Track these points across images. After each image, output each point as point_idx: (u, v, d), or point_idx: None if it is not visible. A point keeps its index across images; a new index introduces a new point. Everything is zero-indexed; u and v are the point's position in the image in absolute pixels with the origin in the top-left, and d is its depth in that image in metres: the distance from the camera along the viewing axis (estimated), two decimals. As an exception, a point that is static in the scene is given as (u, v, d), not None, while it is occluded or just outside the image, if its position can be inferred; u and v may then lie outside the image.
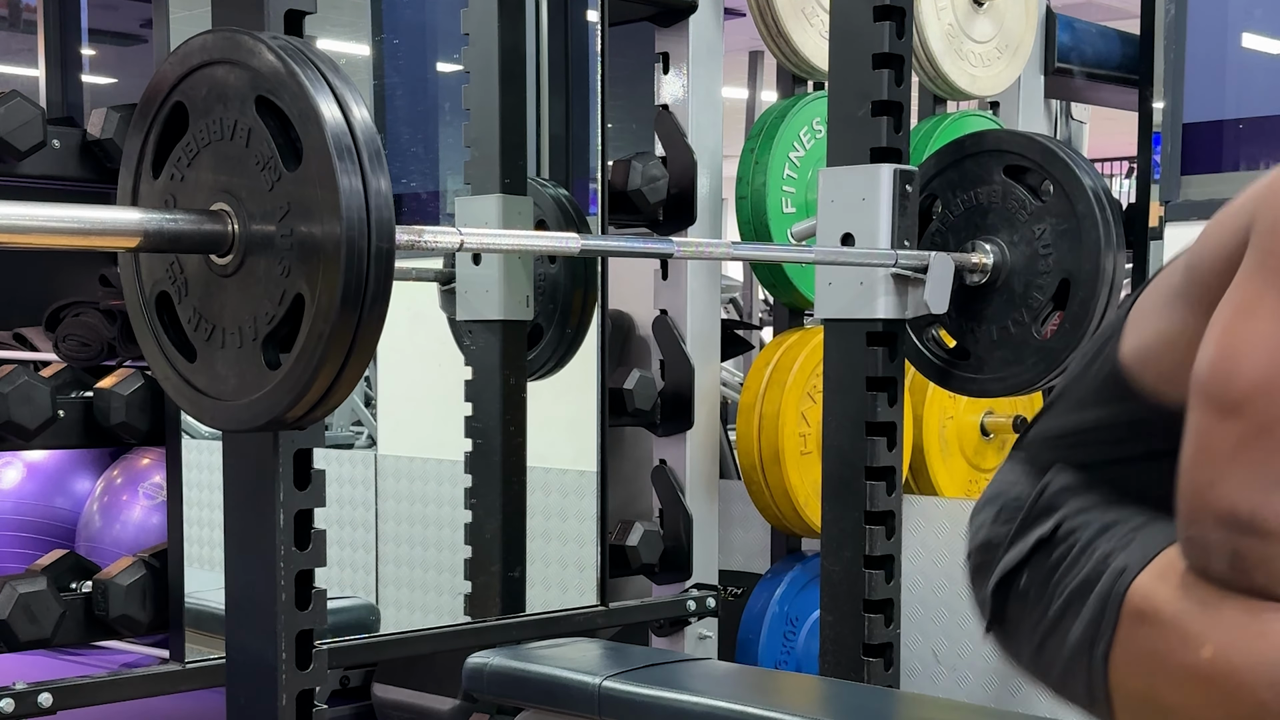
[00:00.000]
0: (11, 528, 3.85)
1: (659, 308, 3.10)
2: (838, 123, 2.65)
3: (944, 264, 2.58)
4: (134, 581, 2.28)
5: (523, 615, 2.99)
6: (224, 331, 1.61)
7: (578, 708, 2.19)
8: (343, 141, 1.48)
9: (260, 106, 1.54)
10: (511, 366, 3.11)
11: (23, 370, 2.21)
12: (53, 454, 3.85)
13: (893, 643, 2.64)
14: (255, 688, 1.90)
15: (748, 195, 3.24)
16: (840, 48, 2.64)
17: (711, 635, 3.18)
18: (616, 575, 3.00)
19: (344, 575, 3.68)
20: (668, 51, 3.11)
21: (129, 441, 2.35)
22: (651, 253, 2.63)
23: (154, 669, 2.39)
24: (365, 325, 1.50)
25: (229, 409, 1.62)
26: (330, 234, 1.47)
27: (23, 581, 2.22)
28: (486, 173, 3.07)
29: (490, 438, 3.10)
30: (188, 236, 1.56)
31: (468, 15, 3.10)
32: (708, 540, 3.16)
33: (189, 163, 1.63)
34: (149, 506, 3.57)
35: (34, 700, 2.17)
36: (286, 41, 1.54)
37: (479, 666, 2.32)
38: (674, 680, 2.18)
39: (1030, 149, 2.72)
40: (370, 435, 4.21)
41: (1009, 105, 3.78)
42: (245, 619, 1.91)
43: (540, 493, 3.25)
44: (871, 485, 2.60)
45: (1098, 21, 4.12)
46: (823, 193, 2.65)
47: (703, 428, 3.12)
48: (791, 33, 3.21)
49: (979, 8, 3.52)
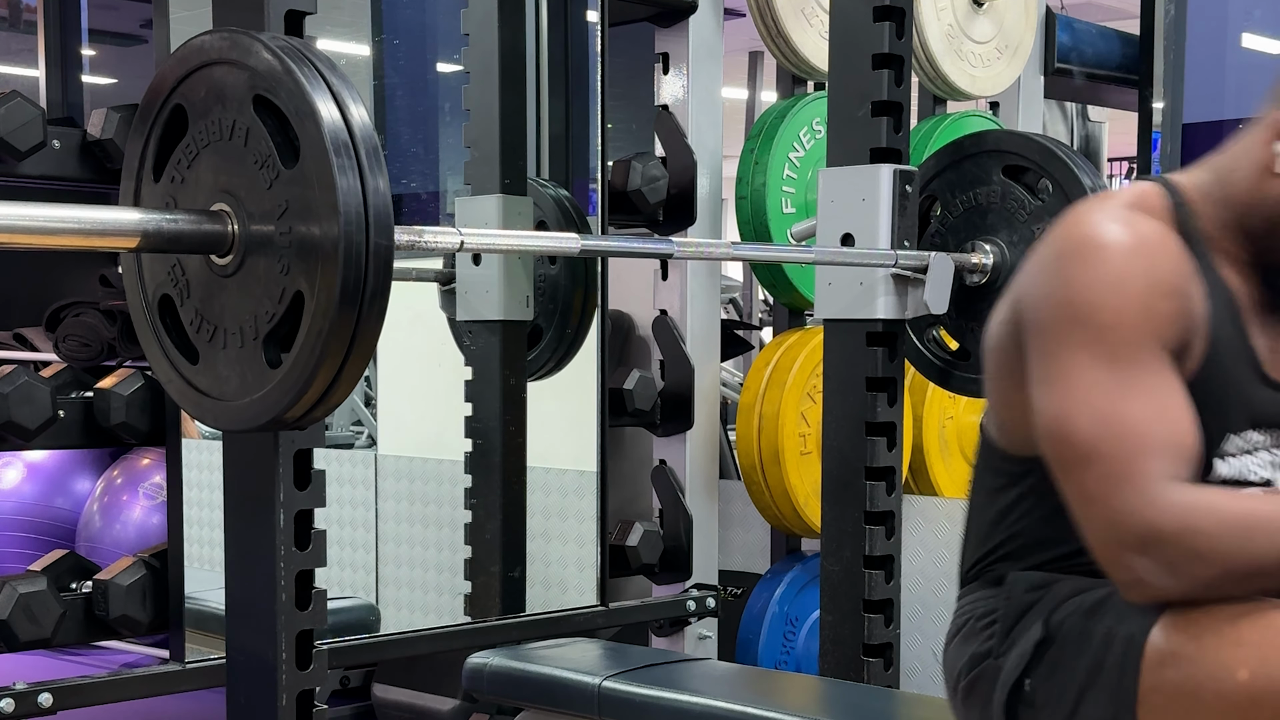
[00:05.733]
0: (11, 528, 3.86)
1: (659, 308, 3.10)
2: (838, 123, 2.65)
3: (944, 264, 2.58)
4: (134, 581, 2.28)
5: (523, 615, 2.99)
6: (225, 332, 1.61)
7: (578, 708, 2.19)
8: (340, 139, 1.48)
9: (258, 105, 1.54)
10: (511, 366, 3.11)
11: (23, 370, 2.21)
12: (53, 454, 3.85)
13: (893, 643, 2.64)
14: (255, 688, 1.90)
15: (748, 195, 3.24)
16: (840, 48, 2.64)
17: (711, 635, 3.18)
18: (616, 575, 3.00)
19: (344, 575, 3.68)
20: (668, 51, 3.11)
21: (129, 441, 2.35)
22: (651, 253, 2.63)
23: (154, 669, 2.39)
24: (364, 323, 1.50)
25: (230, 409, 1.62)
26: (328, 232, 1.47)
27: (23, 581, 2.22)
28: (486, 173, 3.07)
29: (490, 438, 3.10)
30: (187, 236, 1.56)
31: (468, 15, 3.10)
32: (708, 540, 3.16)
33: (189, 164, 1.63)
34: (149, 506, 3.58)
35: (34, 700, 2.17)
36: (284, 41, 1.54)
37: (479, 666, 2.32)
38: (674, 680, 2.18)
39: (1029, 149, 2.72)
40: (370, 435, 4.22)
41: (1009, 105, 3.78)
42: (245, 619, 1.91)
43: (540, 493, 3.25)
44: (871, 485, 2.60)
45: (1098, 21, 4.13)
46: (823, 193, 2.65)
47: (703, 428, 3.12)
48: (791, 33, 3.21)
49: (979, 8, 3.52)
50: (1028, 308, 1.58)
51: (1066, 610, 1.61)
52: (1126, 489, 1.46)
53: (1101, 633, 1.56)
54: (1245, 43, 3.09)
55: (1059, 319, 1.53)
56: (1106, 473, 1.47)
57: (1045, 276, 1.57)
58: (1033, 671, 1.61)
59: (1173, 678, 1.50)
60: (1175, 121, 3.02)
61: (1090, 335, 1.51)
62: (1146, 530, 1.45)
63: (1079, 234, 1.56)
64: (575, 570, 3.23)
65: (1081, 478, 1.49)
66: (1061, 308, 1.53)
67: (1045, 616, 1.61)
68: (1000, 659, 1.64)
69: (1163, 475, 1.47)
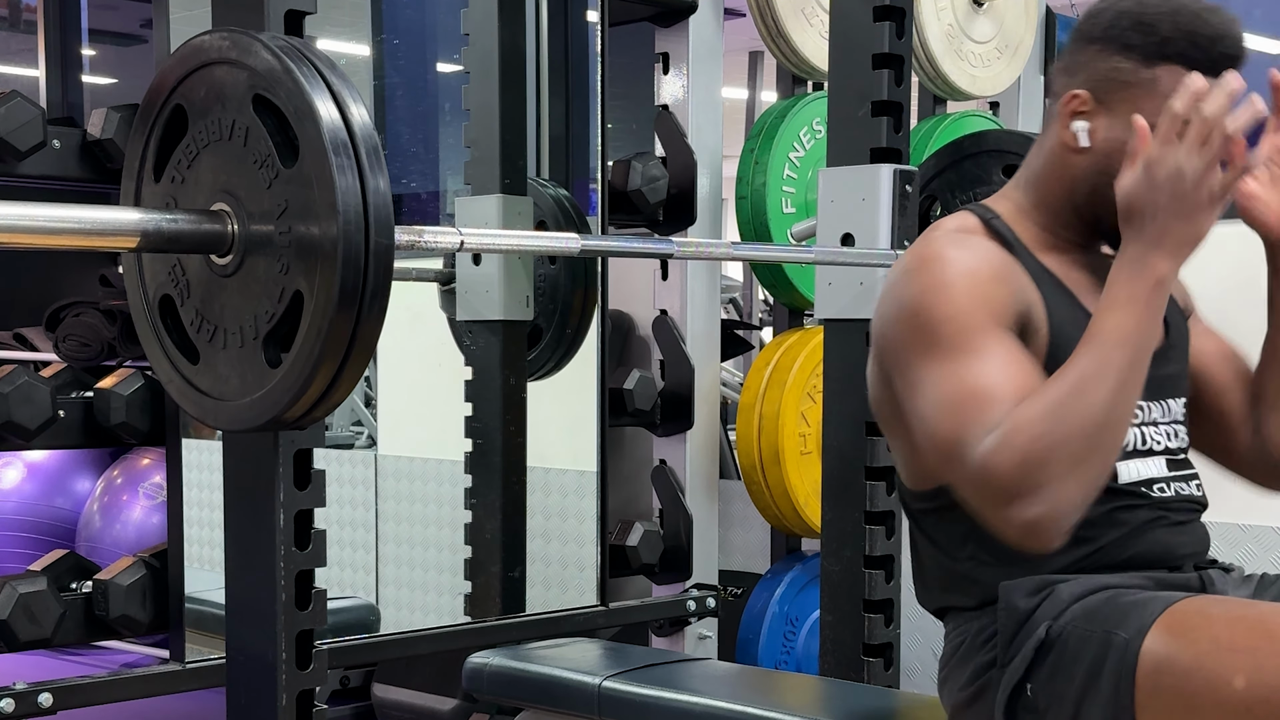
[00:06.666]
0: (11, 528, 3.86)
1: (659, 308, 3.10)
2: (838, 123, 2.65)
3: (944, 264, 2.58)
4: (134, 581, 2.28)
5: (523, 615, 2.99)
6: (225, 332, 1.61)
7: (578, 708, 2.19)
8: (339, 139, 1.48)
9: (257, 105, 1.54)
10: (511, 366, 3.11)
11: (23, 370, 2.21)
12: (53, 454, 3.85)
13: (893, 643, 2.64)
14: (255, 688, 1.90)
15: (748, 195, 3.24)
16: (840, 48, 2.64)
17: (711, 635, 3.18)
18: (616, 575, 3.00)
19: (344, 575, 3.68)
20: (668, 51, 3.11)
21: (129, 441, 2.35)
22: (651, 253, 2.63)
23: (154, 669, 2.39)
24: (364, 323, 1.50)
25: (231, 409, 1.62)
26: (327, 231, 1.47)
27: (23, 581, 2.21)
28: (486, 173, 3.07)
29: (490, 438, 3.10)
30: (187, 236, 1.56)
31: (468, 15, 3.10)
32: (708, 540, 3.16)
33: (189, 164, 1.63)
34: (149, 506, 3.58)
35: (34, 700, 2.17)
36: (284, 41, 1.54)
37: (479, 666, 2.32)
38: (674, 680, 2.18)
39: (1029, 149, 2.71)
40: (370, 435, 4.22)
41: (1009, 105, 3.78)
42: (245, 619, 1.91)
43: (540, 493, 3.25)
44: (871, 485, 2.60)
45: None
46: (823, 193, 2.65)
47: (703, 428, 3.12)
48: (791, 33, 3.21)
49: (979, 8, 3.52)
50: (882, 345, 1.69)
51: (1071, 615, 1.62)
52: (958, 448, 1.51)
53: (1099, 637, 1.58)
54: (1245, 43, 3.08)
55: (902, 335, 1.63)
56: (966, 447, 1.50)
57: (885, 307, 1.68)
58: (1034, 675, 1.62)
59: (1170, 684, 1.52)
60: (1175, 121, 3.01)
61: (929, 337, 1.59)
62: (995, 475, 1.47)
63: (905, 263, 1.68)
64: (575, 570, 3.23)
65: (955, 467, 1.53)
66: (901, 324, 1.63)
67: (1049, 621, 1.63)
68: (1005, 667, 1.65)
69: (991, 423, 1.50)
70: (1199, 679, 1.49)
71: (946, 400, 1.55)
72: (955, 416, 1.53)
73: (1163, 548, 1.70)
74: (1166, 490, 1.72)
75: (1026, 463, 1.46)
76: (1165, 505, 1.71)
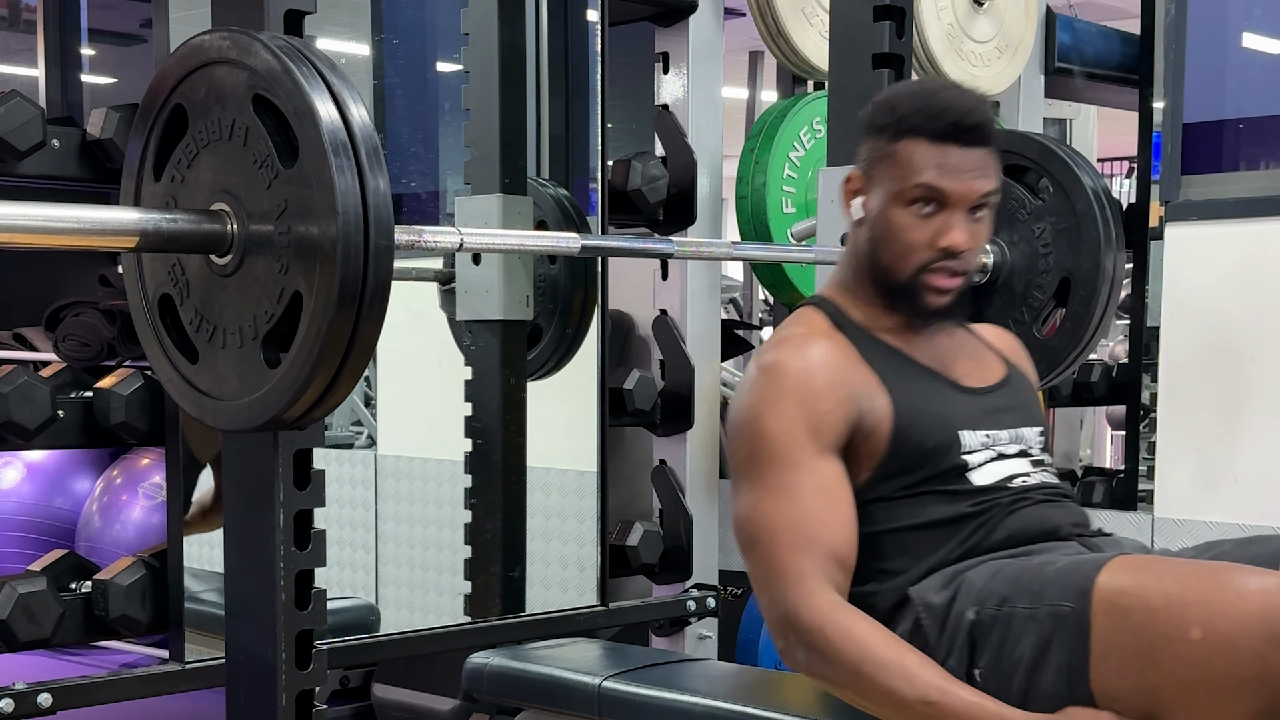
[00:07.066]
0: (11, 528, 3.86)
1: (659, 308, 3.10)
2: (838, 123, 2.65)
3: (944, 264, 2.58)
4: (134, 581, 2.28)
5: (523, 615, 2.99)
6: (225, 332, 1.61)
7: (578, 708, 2.18)
8: (339, 139, 1.48)
9: (257, 105, 1.54)
10: (511, 366, 3.10)
11: (23, 370, 2.21)
12: (53, 454, 3.85)
13: (893, 642, 2.64)
14: (255, 688, 1.90)
15: (748, 195, 3.24)
16: (840, 48, 2.64)
17: (711, 635, 3.17)
18: (616, 575, 3.00)
19: (344, 575, 3.68)
20: (668, 51, 3.11)
21: (129, 441, 2.34)
22: (651, 253, 2.63)
23: (154, 669, 2.39)
24: (364, 323, 1.50)
25: (230, 409, 1.62)
26: (326, 232, 1.47)
27: (23, 581, 2.21)
28: (486, 173, 3.07)
29: (490, 438, 3.10)
30: (187, 236, 1.56)
31: (468, 15, 3.10)
32: (708, 540, 3.15)
33: (189, 164, 1.63)
34: (149, 506, 3.58)
35: (34, 700, 2.16)
36: (284, 41, 1.54)
37: (479, 666, 2.32)
38: (674, 680, 2.18)
39: (1029, 148, 2.72)
40: (370, 435, 4.22)
41: (1009, 105, 3.78)
42: (245, 619, 1.91)
43: (540, 493, 3.25)
44: (871, 485, 2.60)
45: (1098, 21, 4.12)
46: (823, 193, 2.65)
47: (703, 428, 3.12)
48: (791, 33, 3.21)
49: (979, 8, 3.52)
50: (728, 432, 2.02)
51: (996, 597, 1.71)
52: (778, 581, 1.76)
53: (1045, 611, 1.66)
54: (1246, 43, 3.08)
55: (736, 440, 1.85)
56: (765, 562, 1.78)
57: (734, 404, 1.90)
58: (978, 660, 1.71)
59: (1125, 643, 1.58)
60: (1175, 121, 3.01)
61: (755, 449, 1.82)
62: (791, 619, 1.74)
63: (752, 369, 1.90)
64: (575, 570, 3.23)
65: (751, 564, 1.80)
66: (736, 430, 1.85)
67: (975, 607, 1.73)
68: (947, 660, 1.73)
69: (813, 573, 1.74)
70: (1154, 632, 1.55)
71: (758, 514, 1.79)
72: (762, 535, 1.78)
73: (1040, 520, 1.83)
74: (1029, 479, 1.87)
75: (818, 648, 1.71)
76: (1028, 490, 1.86)
